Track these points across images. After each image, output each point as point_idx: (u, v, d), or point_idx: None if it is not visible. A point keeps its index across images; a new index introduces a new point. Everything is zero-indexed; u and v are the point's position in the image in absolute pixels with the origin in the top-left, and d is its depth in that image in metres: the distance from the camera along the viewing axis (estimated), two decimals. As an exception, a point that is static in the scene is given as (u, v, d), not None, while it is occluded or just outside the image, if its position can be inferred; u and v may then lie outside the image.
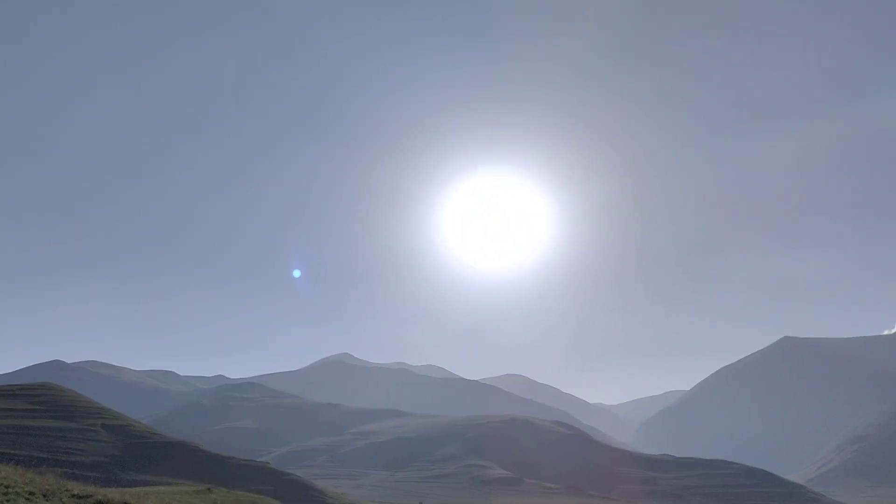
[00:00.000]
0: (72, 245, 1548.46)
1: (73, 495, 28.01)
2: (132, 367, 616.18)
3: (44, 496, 26.42)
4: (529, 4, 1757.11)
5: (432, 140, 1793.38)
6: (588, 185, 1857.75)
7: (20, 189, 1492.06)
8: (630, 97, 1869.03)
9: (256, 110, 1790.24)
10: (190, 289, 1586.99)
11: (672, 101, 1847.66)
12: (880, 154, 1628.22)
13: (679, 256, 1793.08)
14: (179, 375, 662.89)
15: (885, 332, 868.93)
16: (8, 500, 24.33)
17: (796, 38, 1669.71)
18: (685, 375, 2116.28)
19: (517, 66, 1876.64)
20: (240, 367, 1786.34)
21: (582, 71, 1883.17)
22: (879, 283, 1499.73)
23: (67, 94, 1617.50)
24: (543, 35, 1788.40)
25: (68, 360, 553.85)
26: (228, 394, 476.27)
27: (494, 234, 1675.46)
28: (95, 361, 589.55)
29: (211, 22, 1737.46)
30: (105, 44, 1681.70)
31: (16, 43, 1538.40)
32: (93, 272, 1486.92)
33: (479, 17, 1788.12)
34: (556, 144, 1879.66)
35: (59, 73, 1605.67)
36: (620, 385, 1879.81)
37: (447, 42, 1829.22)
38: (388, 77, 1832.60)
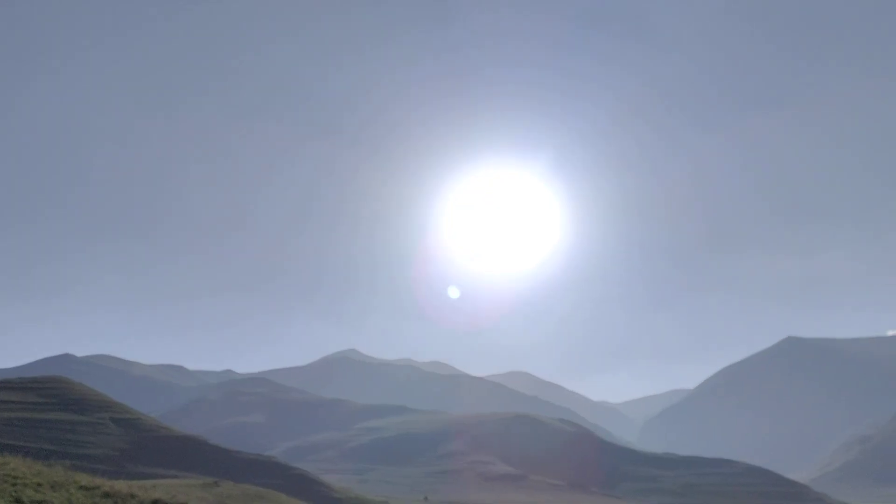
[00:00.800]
0: (84, 242, 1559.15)
1: (81, 487, 28.59)
2: (142, 362, 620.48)
3: (51, 487, 26.83)
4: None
5: (443, 139, 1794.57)
6: (596, 185, 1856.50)
7: (36, 187, 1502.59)
8: (633, 100, 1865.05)
9: (269, 113, 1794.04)
10: (199, 285, 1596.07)
11: (675, 101, 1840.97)
12: (886, 155, 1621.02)
13: (685, 256, 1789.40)
14: (188, 370, 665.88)
15: (889, 333, 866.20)
16: (16, 491, 24.82)
17: (791, 35, 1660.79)
18: (689, 374, 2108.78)
19: (527, 68, 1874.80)
20: (247, 363, 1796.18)
21: (584, 72, 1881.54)
22: (883, 283, 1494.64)
23: (86, 99, 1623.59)
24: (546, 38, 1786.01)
25: (78, 354, 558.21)
26: (236, 388, 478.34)
27: (504, 233, 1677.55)
28: (105, 355, 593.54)
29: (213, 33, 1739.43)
30: (118, 45, 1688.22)
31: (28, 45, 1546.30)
32: (104, 268, 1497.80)
33: (492, 18, 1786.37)
34: (566, 145, 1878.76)
35: (75, 80, 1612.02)
36: (625, 383, 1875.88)
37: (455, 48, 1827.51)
38: (397, 80, 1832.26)
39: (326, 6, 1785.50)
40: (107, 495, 29.15)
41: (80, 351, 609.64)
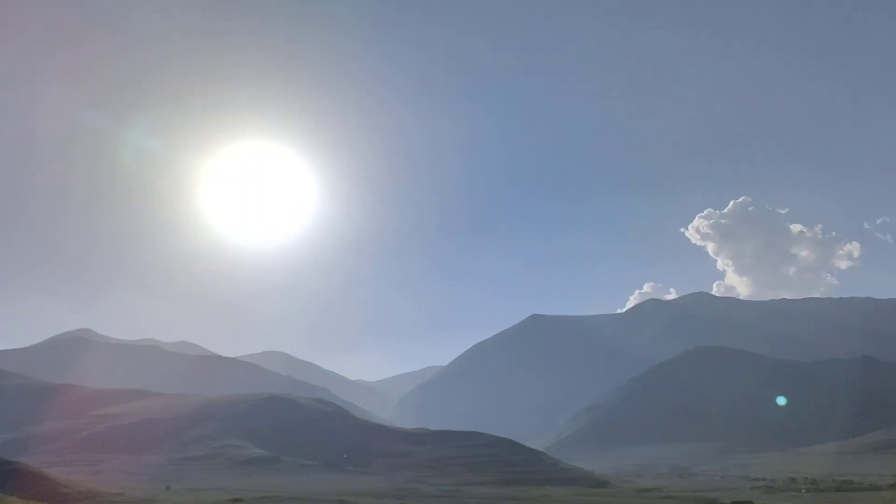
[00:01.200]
0: None
1: None
2: None
3: None
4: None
5: (193, 105, 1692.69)
6: (353, 162, 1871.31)
7: None
8: (386, 76, 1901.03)
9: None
10: None
11: (444, 70, 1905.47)
12: (612, 145, 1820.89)
13: (439, 237, 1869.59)
14: None
15: (618, 311, 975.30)
16: None
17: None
18: (443, 352, 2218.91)
19: (283, 41, 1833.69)
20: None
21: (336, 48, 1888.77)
22: (615, 265, 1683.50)
23: None
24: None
25: None
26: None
27: (255, 207, 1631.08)
28: None
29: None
30: None
31: None
32: None
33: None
34: (324, 120, 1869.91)
35: None
36: (381, 362, 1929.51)
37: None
38: (137, 29, 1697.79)
39: None
40: None
41: None
